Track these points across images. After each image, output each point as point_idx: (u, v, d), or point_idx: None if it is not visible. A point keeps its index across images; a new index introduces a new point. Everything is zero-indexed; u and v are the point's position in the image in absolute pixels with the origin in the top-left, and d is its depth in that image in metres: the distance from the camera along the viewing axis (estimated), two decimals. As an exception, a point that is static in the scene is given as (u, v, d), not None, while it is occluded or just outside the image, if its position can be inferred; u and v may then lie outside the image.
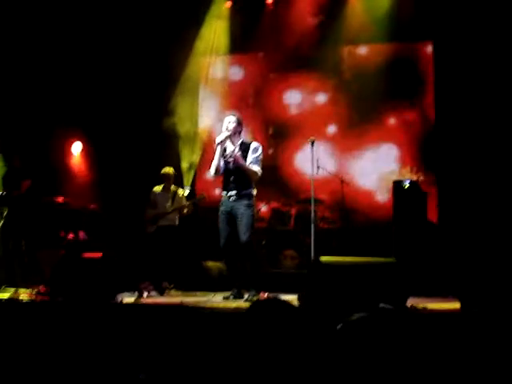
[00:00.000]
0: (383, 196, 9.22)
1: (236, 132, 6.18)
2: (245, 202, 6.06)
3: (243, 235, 5.98)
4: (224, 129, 6.12)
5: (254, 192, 6.23)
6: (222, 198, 6.21)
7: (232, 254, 6.19)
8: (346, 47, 9.71)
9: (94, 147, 9.80)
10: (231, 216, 6.10)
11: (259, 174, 6.19)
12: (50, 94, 9.33)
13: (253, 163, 6.13)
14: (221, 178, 6.32)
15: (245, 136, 6.49)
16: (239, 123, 6.20)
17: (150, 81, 9.64)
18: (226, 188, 6.16)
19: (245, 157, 6.12)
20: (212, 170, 6.19)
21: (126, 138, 9.61)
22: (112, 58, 9.59)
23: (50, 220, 7.65)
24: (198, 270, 7.76)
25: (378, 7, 9.10)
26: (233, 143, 6.17)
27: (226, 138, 6.07)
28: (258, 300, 4.51)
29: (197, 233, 9.22)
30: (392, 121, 9.50)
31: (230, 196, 6.10)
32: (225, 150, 6.16)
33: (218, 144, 6.07)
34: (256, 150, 6.17)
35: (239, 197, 6.07)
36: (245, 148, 6.18)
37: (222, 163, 6.14)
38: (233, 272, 6.28)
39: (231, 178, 6.12)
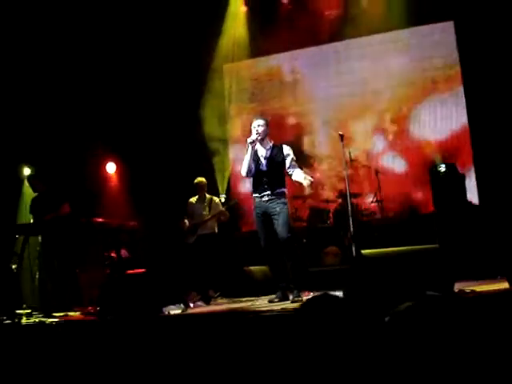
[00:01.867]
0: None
1: (266, 135, 6.19)
2: (279, 200, 6.05)
3: (283, 233, 5.95)
4: (254, 132, 6.14)
5: (286, 190, 6.22)
6: (255, 200, 6.20)
7: (274, 254, 6.16)
8: (365, 38, 9.65)
9: (128, 165, 9.91)
10: (267, 217, 6.08)
11: None
12: (82, 116, 9.49)
13: (293, 167, 6.16)
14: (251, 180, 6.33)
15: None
16: (268, 126, 6.21)
17: (178, 96, 9.75)
18: (259, 190, 6.15)
19: (279, 159, 6.14)
20: (244, 171, 6.19)
21: (158, 152, 9.72)
22: (141, 75, 9.73)
23: (91, 241, 7.75)
24: (241, 275, 7.76)
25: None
26: (263, 146, 6.19)
27: (257, 139, 6.08)
28: (310, 298, 4.45)
29: (237, 238, 9.27)
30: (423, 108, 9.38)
31: (263, 197, 6.10)
32: (256, 152, 6.16)
33: (249, 144, 6.07)
34: (290, 153, 6.20)
35: (273, 197, 6.07)
36: (277, 151, 6.19)
37: (253, 165, 6.14)
38: (276, 273, 6.25)
39: (264, 180, 6.11)
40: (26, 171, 9.49)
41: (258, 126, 6.12)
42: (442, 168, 7.81)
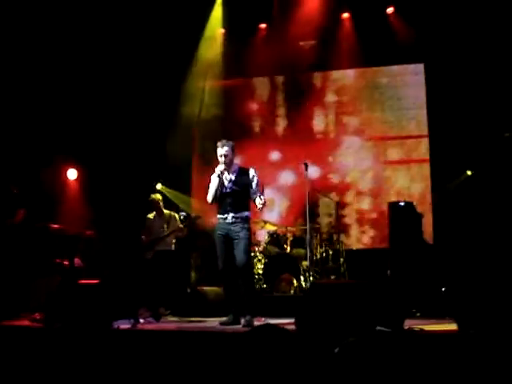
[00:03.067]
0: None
1: (232, 159, 6.20)
2: (241, 224, 6.05)
3: (241, 258, 5.94)
4: (220, 156, 6.13)
5: (250, 214, 6.23)
6: (218, 221, 6.19)
7: (231, 277, 6.13)
8: (338, 71, 9.83)
9: (89, 174, 9.80)
10: (228, 239, 6.07)
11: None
12: (44, 122, 9.35)
13: (257, 191, 6.12)
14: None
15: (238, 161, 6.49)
16: (233, 150, 6.22)
17: (143, 107, 9.71)
18: (222, 211, 6.14)
19: (244, 182, 6.13)
20: (210, 199, 6.17)
21: (120, 164, 9.65)
22: (106, 84, 9.66)
23: (44, 247, 7.62)
24: (194, 295, 7.72)
25: (369, 31, 9.24)
26: (228, 170, 6.17)
27: (225, 168, 6.09)
28: (254, 327, 4.48)
29: (193, 258, 9.24)
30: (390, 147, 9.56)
31: (226, 219, 6.10)
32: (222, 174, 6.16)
33: (218, 175, 6.07)
34: (255, 177, 6.19)
35: (236, 220, 6.07)
36: (243, 174, 6.19)
37: (218, 190, 6.14)
38: (230, 296, 6.21)
39: (227, 201, 6.11)
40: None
41: (225, 152, 6.09)
42: (401, 205, 7.95)
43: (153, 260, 7.57)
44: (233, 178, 6.16)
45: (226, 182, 6.14)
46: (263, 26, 10.10)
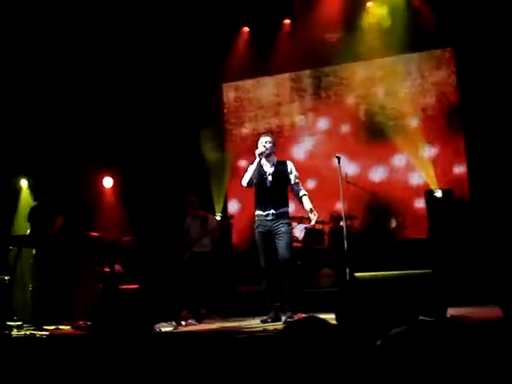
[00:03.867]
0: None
1: (272, 152, 6.23)
2: (283, 220, 6.04)
3: (285, 254, 5.92)
4: (262, 142, 6.20)
5: (289, 210, 6.23)
6: (258, 218, 6.15)
7: (274, 274, 6.11)
8: (365, 62, 9.72)
9: (125, 180, 9.91)
10: (269, 236, 6.05)
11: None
12: (80, 130, 9.51)
13: (297, 183, 6.23)
14: (253, 196, 6.32)
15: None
16: (274, 144, 6.28)
17: (177, 112, 9.78)
18: (263, 207, 6.11)
19: (283, 175, 6.18)
20: (245, 182, 6.16)
21: (156, 168, 9.72)
22: (139, 91, 9.77)
23: (85, 255, 7.73)
24: (233, 295, 7.74)
25: (395, 18, 9.10)
26: (269, 162, 6.21)
27: (265, 152, 6.12)
28: (294, 320, 4.45)
29: (231, 258, 9.25)
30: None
31: (267, 216, 6.08)
32: (261, 167, 6.17)
33: (258, 156, 6.09)
34: (294, 170, 6.25)
35: (277, 216, 6.05)
36: (282, 167, 6.23)
37: (255, 179, 6.12)
38: (272, 293, 6.19)
39: (268, 197, 6.10)
40: (23, 183, 9.54)
41: (266, 142, 6.19)
42: (439, 193, 7.81)
43: (190, 261, 7.62)
44: (272, 170, 6.18)
45: (266, 175, 6.16)
46: (287, 21, 10.05)
